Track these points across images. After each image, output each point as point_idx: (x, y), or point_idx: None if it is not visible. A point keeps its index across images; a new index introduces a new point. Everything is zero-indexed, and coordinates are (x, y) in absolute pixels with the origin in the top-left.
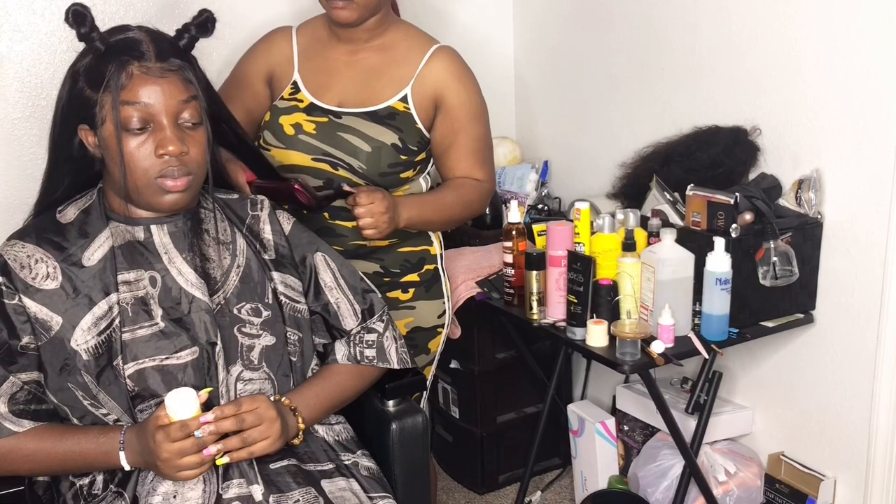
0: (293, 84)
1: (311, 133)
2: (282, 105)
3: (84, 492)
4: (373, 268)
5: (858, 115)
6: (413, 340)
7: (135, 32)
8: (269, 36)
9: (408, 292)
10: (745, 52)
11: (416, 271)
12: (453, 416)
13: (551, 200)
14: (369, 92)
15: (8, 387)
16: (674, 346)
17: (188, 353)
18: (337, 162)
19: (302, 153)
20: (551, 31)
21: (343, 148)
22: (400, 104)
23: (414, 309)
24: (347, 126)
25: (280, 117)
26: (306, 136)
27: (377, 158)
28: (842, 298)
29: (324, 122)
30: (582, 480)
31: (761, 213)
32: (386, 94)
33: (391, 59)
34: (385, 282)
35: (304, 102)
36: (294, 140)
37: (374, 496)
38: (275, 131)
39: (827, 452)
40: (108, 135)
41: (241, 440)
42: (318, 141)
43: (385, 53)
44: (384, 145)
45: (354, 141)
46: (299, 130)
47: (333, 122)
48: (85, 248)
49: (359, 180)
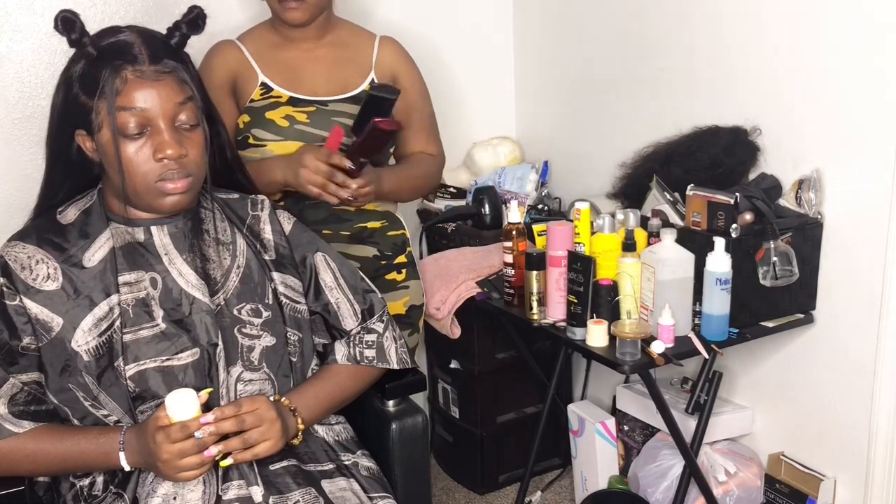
0: (262, 85)
1: (305, 122)
2: (258, 104)
3: (84, 493)
4: (371, 251)
5: (858, 115)
6: (409, 318)
7: (126, 35)
8: (215, 50)
9: (402, 272)
10: (745, 53)
11: (402, 253)
12: (453, 416)
13: (551, 200)
14: (339, 81)
15: (8, 388)
16: (674, 346)
17: (189, 355)
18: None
19: (299, 142)
20: (551, 31)
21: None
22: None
23: (408, 288)
24: (338, 111)
25: (265, 114)
26: (301, 126)
27: None
28: (842, 298)
29: (312, 111)
30: (582, 480)
31: (761, 213)
32: (356, 80)
33: (346, 51)
34: (382, 265)
35: (283, 97)
36: (290, 131)
37: (374, 496)
38: (265, 126)
39: (827, 452)
40: (106, 140)
41: (241, 441)
42: (314, 128)
43: (338, 47)
44: None
45: (349, 124)
46: (293, 122)
47: (322, 109)
48: (85, 248)
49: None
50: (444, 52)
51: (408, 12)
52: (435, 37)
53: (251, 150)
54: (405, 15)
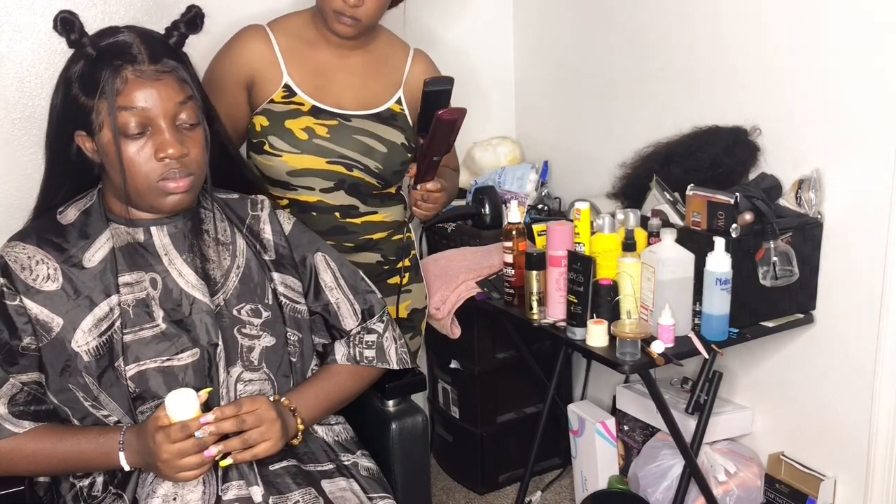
0: (285, 87)
1: (325, 136)
2: (279, 109)
3: (84, 493)
4: (375, 258)
5: (858, 115)
6: (412, 322)
7: (125, 35)
8: (242, 37)
9: (404, 276)
10: (746, 53)
11: (406, 256)
12: (453, 416)
13: (551, 200)
14: (367, 94)
15: (8, 388)
16: (674, 346)
17: (189, 355)
18: (352, 163)
19: (316, 157)
20: (551, 31)
21: (358, 149)
22: (397, 106)
23: (410, 292)
24: (359, 128)
25: (285, 121)
26: (320, 140)
27: (392, 158)
28: (842, 298)
29: (334, 124)
30: (582, 480)
31: (761, 213)
32: (384, 96)
33: (378, 62)
34: (385, 269)
35: (305, 106)
36: (308, 144)
37: (373, 496)
38: (283, 136)
39: (827, 452)
40: (107, 141)
41: (241, 442)
42: (333, 144)
43: (371, 56)
44: (395, 145)
45: (369, 142)
46: (312, 135)
47: (344, 124)
48: (85, 249)
49: (373, 180)
50: (444, 51)
51: (408, 12)
52: (435, 36)
53: (265, 158)
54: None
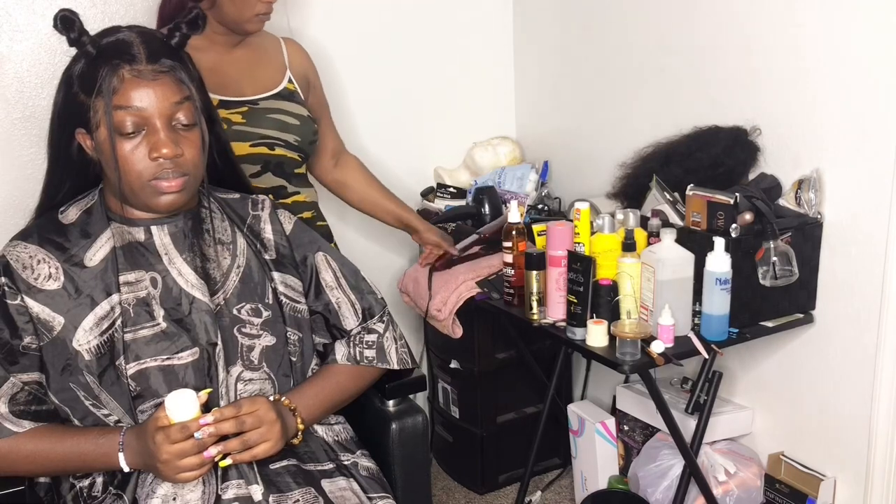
0: None
1: (241, 122)
2: None
3: (84, 493)
4: None
5: (858, 115)
6: None
7: (125, 34)
8: None
9: None
10: (745, 52)
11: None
12: (453, 416)
13: (551, 200)
14: (262, 79)
15: (8, 387)
16: (674, 346)
17: (189, 354)
18: (273, 142)
19: (239, 143)
20: (551, 30)
21: (275, 126)
22: (290, 84)
23: None
24: (269, 108)
25: None
26: (238, 126)
27: (305, 129)
28: (842, 298)
29: (245, 110)
30: (582, 480)
31: (761, 213)
32: (277, 77)
33: (258, 52)
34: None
35: (213, 101)
36: (228, 133)
37: (373, 496)
38: None
39: (827, 452)
40: (103, 139)
41: (241, 442)
42: (251, 126)
43: (251, 48)
44: (304, 117)
45: (282, 118)
46: (229, 124)
47: (253, 108)
48: (87, 248)
49: (294, 154)
50: (444, 51)
51: (408, 12)
52: (435, 37)
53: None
54: (405, 15)
